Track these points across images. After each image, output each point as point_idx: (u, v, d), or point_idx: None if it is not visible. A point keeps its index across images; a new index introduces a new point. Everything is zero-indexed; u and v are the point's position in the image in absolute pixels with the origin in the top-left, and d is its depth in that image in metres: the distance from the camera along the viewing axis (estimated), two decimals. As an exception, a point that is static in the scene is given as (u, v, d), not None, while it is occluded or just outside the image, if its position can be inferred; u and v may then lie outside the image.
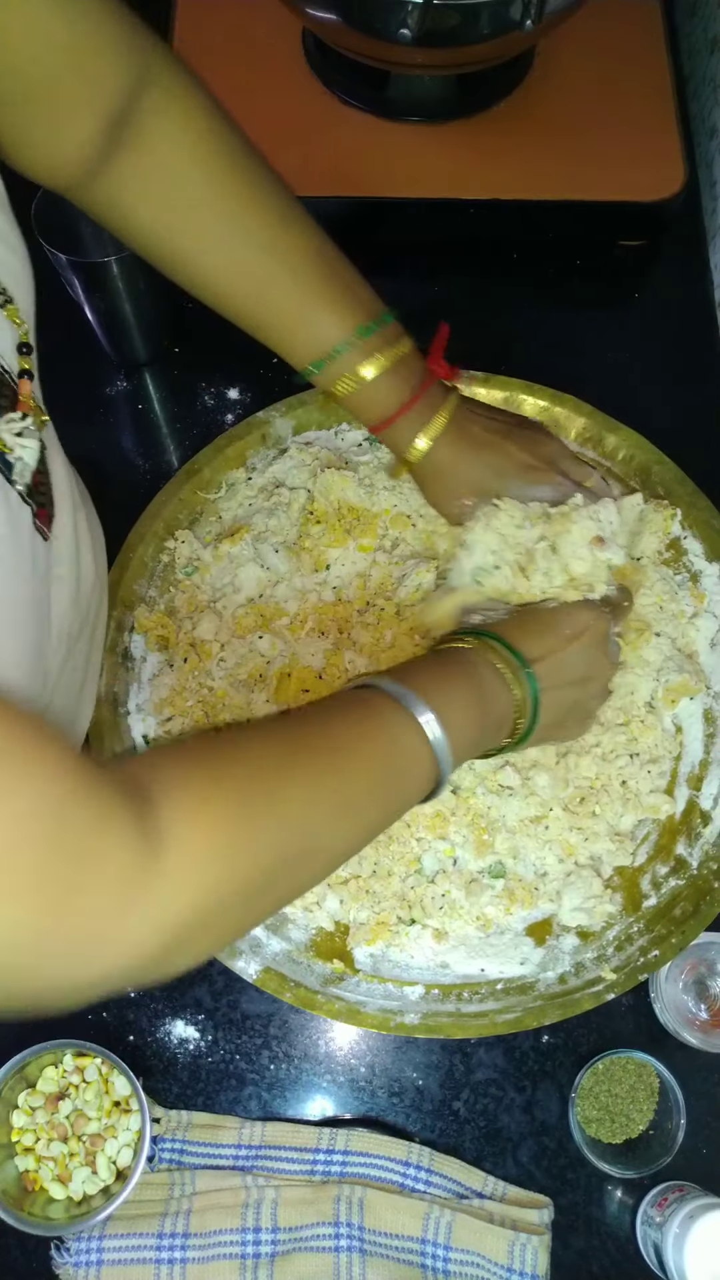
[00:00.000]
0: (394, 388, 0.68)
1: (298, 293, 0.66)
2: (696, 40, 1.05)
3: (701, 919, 0.72)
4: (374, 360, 0.67)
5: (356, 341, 0.66)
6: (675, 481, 0.82)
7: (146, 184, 0.62)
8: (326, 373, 0.68)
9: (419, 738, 0.56)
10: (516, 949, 0.73)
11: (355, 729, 0.55)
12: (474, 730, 0.60)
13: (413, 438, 0.69)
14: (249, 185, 0.64)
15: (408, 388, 0.68)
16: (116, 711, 0.76)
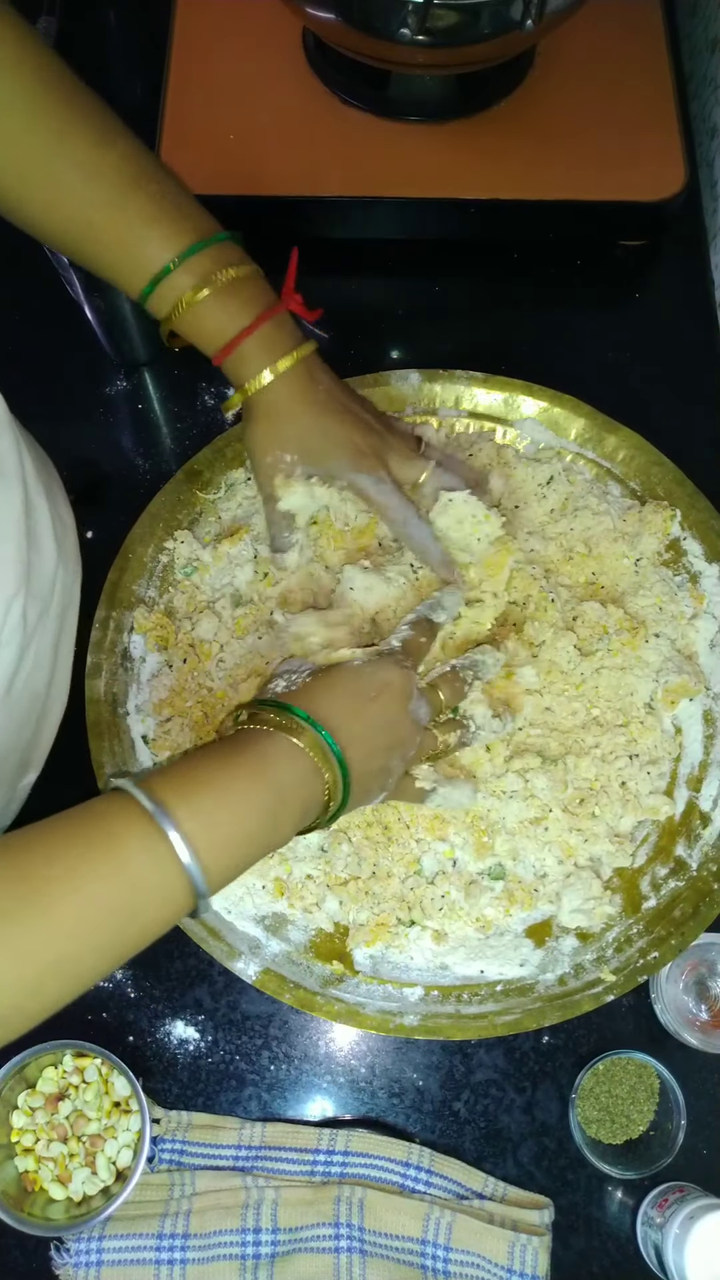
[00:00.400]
0: (233, 311, 0.65)
1: (121, 214, 0.63)
2: (697, 40, 1.05)
3: (701, 920, 0.72)
4: (208, 280, 0.64)
5: (188, 262, 0.63)
6: (674, 482, 0.82)
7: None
8: (159, 297, 0.64)
9: (165, 860, 0.49)
10: (516, 950, 0.73)
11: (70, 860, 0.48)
12: (253, 836, 0.54)
13: (259, 369, 0.66)
14: (67, 109, 0.62)
15: (249, 312, 0.65)
16: (116, 712, 0.76)
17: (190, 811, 0.50)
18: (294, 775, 0.56)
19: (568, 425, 0.84)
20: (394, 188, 0.90)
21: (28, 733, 0.70)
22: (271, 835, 0.55)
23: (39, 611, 0.66)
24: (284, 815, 0.55)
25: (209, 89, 0.93)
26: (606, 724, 0.75)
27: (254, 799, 0.53)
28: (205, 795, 0.52)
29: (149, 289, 0.64)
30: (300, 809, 0.56)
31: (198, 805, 0.51)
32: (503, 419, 0.85)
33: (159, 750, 0.75)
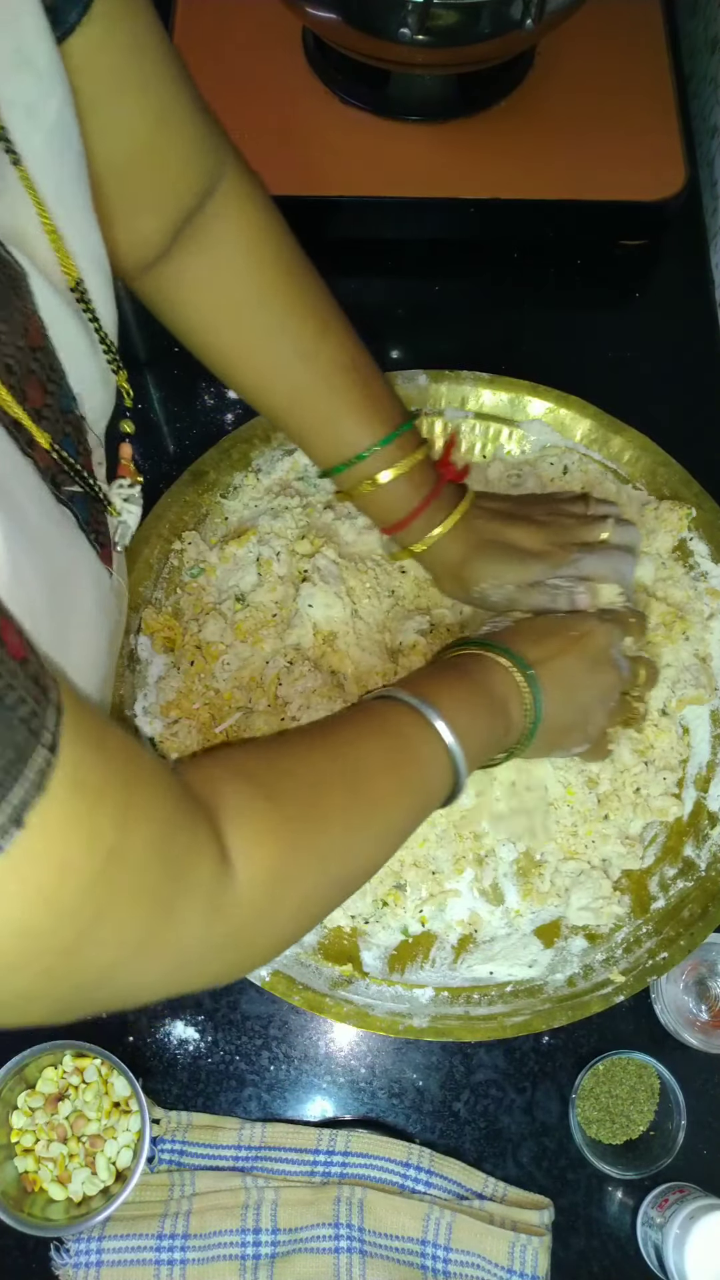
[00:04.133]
0: (408, 493, 0.70)
1: (328, 401, 0.69)
2: (697, 40, 1.05)
3: (710, 921, 0.72)
4: (392, 467, 0.69)
5: (377, 450, 0.69)
6: (681, 483, 0.82)
7: (199, 284, 0.64)
8: (347, 476, 0.70)
9: (439, 751, 0.59)
10: (525, 951, 0.73)
11: (383, 747, 0.58)
12: (485, 734, 0.62)
13: (423, 537, 0.72)
14: (296, 292, 0.67)
15: (420, 494, 0.71)
16: (123, 715, 0.76)
17: (449, 710, 0.59)
18: (499, 687, 0.64)
19: (574, 426, 0.84)
20: (394, 188, 0.90)
21: None
22: (492, 736, 0.63)
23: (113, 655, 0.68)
24: (497, 721, 0.63)
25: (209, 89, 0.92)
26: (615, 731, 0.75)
27: (479, 701, 0.63)
28: (453, 698, 0.61)
29: (341, 469, 0.70)
30: (505, 718, 0.64)
31: (451, 706, 0.60)
32: (508, 419, 0.85)
33: (167, 752, 0.75)
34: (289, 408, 0.70)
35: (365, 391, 0.69)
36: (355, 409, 0.69)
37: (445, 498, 0.72)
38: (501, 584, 0.71)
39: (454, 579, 0.73)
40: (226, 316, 0.66)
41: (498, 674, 0.65)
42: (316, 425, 0.70)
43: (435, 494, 0.71)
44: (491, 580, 0.72)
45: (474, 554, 0.72)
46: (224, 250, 0.63)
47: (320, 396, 0.68)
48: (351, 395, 0.69)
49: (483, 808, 0.74)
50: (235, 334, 0.67)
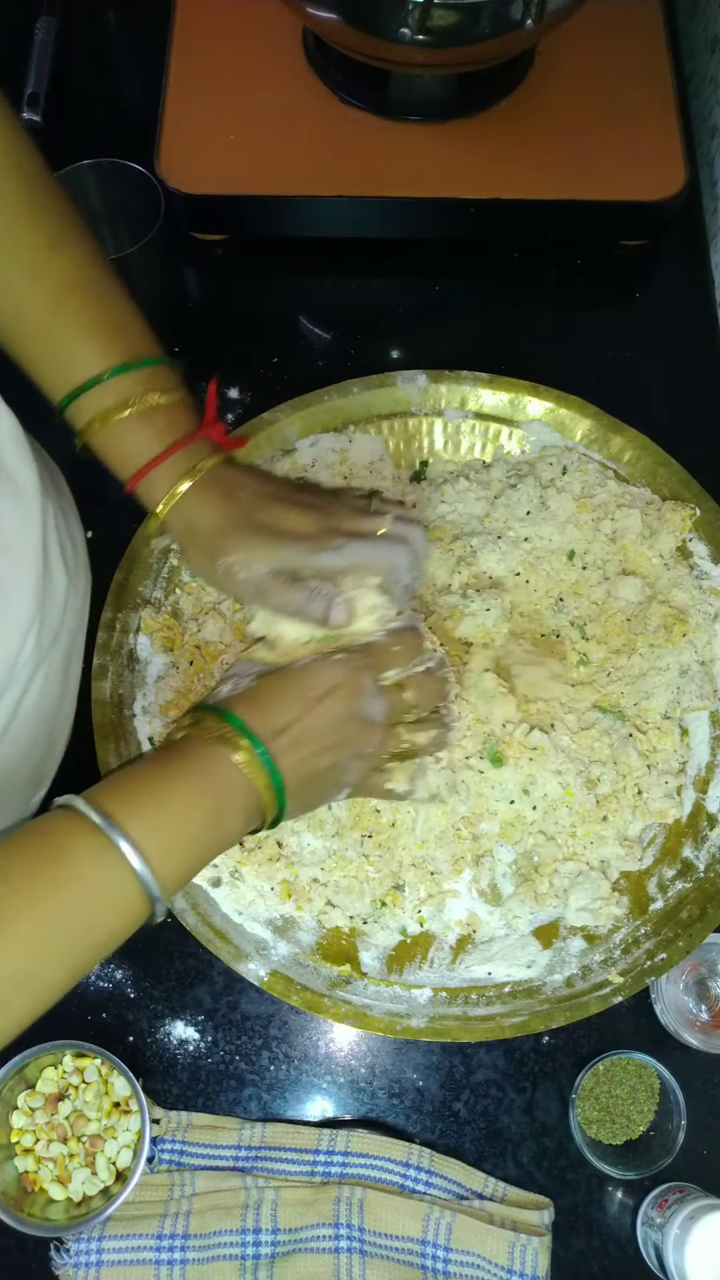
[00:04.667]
0: (148, 436, 0.61)
1: (56, 320, 0.61)
2: (697, 40, 1.05)
3: (709, 922, 0.72)
4: (129, 402, 0.60)
5: (114, 380, 0.60)
6: (681, 483, 0.82)
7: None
8: (78, 409, 0.61)
9: (117, 870, 0.51)
10: (523, 952, 0.73)
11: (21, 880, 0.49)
12: (200, 839, 0.55)
13: (166, 490, 0.62)
14: (30, 205, 0.60)
15: (162, 440, 0.61)
16: (122, 714, 0.76)
17: (136, 820, 0.51)
18: (233, 784, 0.56)
19: (574, 426, 0.84)
20: (394, 188, 0.90)
21: (39, 752, 0.70)
22: (219, 839, 0.56)
23: (51, 637, 0.65)
24: (227, 820, 0.57)
25: (209, 89, 0.93)
26: (620, 732, 0.75)
27: (197, 806, 0.55)
28: (149, 803, 0.53)
29: (68, 400, 0.61)
30: (243, 814, 0.57)
31: (143, 813, 0.52)
32: (508, 420, 0.85)
33: None
34: (16, 332, 0.61)
35: (102, 315, 0.61)
36: (86, 331, 0.61)
37: (196, 450, 0.62)
38: (251, 561, 0.62)
39: (201, 548, 0.63)
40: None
41: (228, 759, 0.56)
42: (42, 350, 0.61)
43: (184, 443, 0.62)
44: (242, 553, 0.61)
45: (227, 524, 0.62)
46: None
47: (47, 318, 0.60)
48: (84, 316, 0.61)
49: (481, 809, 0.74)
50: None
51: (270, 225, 0.93)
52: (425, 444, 0.85)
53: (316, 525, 0.63)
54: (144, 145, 0.89)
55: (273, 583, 0.62)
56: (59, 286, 0.60)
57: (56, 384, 0.61)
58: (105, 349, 0.61)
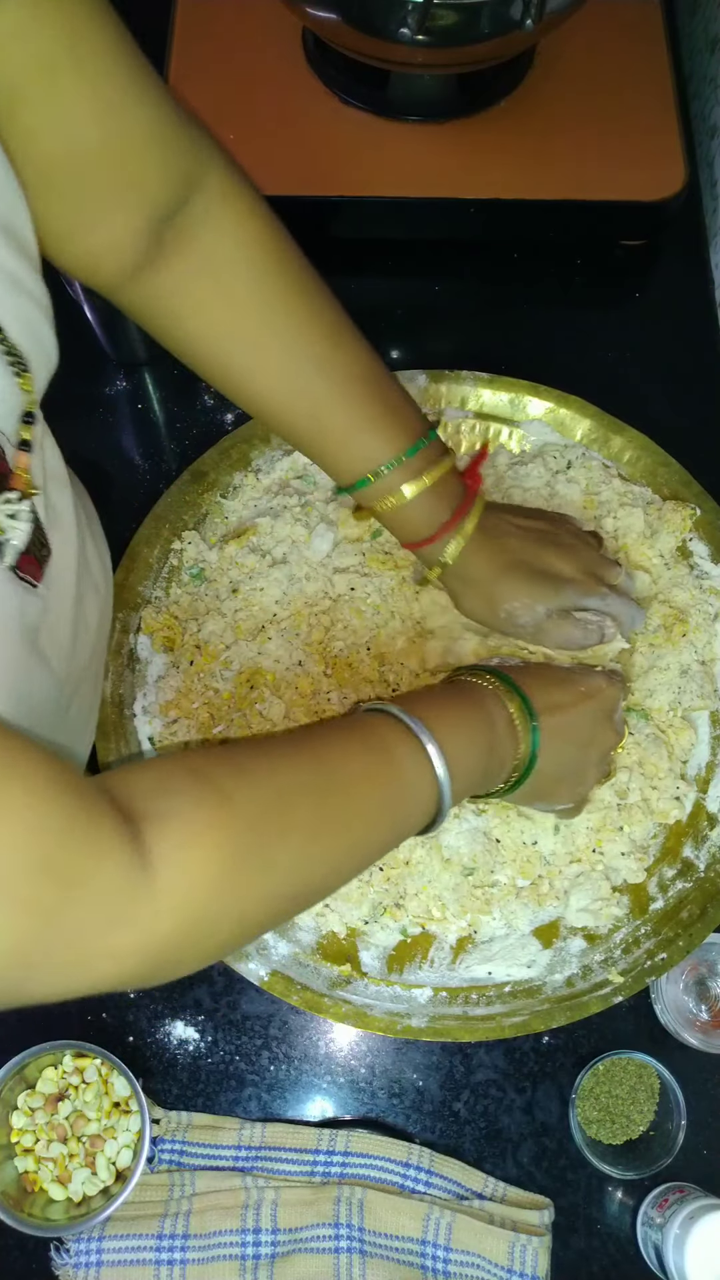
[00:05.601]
0: (434, 507, 0.67)
1: (347, 414, 0.65)
2: (697, 40, 1.05)
3: (709, 922, 0.72)
4: (416, 481, 0.66)
5: (400, 463, 0.66)
6: (681, 483, 0.82)
7: (195, 291, 0.61)
8: (370, 491, 0.67)
9: (426, 774, 0.56)
10: (524, 952, 0.73)
11: (366, 761, 0.55)
12: (477, 770, 0.60)
13: (450, 552, 0.68)
14: (303, 299, 0.63)
15: (447, 507, 0.68)
16: (122, 714, 0.76)
17: (443, 734, 0.57)
18: (500, 727, 0.62)
19: (574, 426, 0.84)
20: (394, 188, 0.90)
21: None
22: (486, 772, 0.62)
23: (85, 660, 0.66)
24: (494, 760, 0.62)
25: (209, 89, 0.93)
26: (644, 731, 0.75)
27: (478, 735, 0.61)
28: (450, 723, 0.59)
29: (363, 484, 0.67)
30: (499, 758, 0.62)
31: (447, 731, 0.58)
32: (508, 419, 0.85)
33: (166, 752, 0.75)
34: (306, 425, 0.66)
35: (384, 402, 0.66)
36: (375, 421, 0.65)
37: (472, 511, 0.69)
38: (534, 605, 0.69)
39: (481, 597, 0.70)
40: (228, 327, 0.62)
41: (501, 712, 0.62)
42: (335, 440, 0.66)
43: (464, 509, 0.68)
44: (524, 600, 0.69)
45: (505, 573, 0.69)
46: (218, 254, 0.60)
47: (338, 410, 0.65)
48: (371, 407, 0.65)
49: None
50: (239, 347, 0.63)
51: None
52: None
53: (579, 570, 0.71)
54: (144, 145, 0.89)
55: (550, 623, 0.70)
56: (345, 380, 0.65)
57: (347, 471, 0.67)
58: (392, 436, 0.66)
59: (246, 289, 0.61)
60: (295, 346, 0.63)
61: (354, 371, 0.65)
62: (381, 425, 0.66)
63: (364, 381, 0.65)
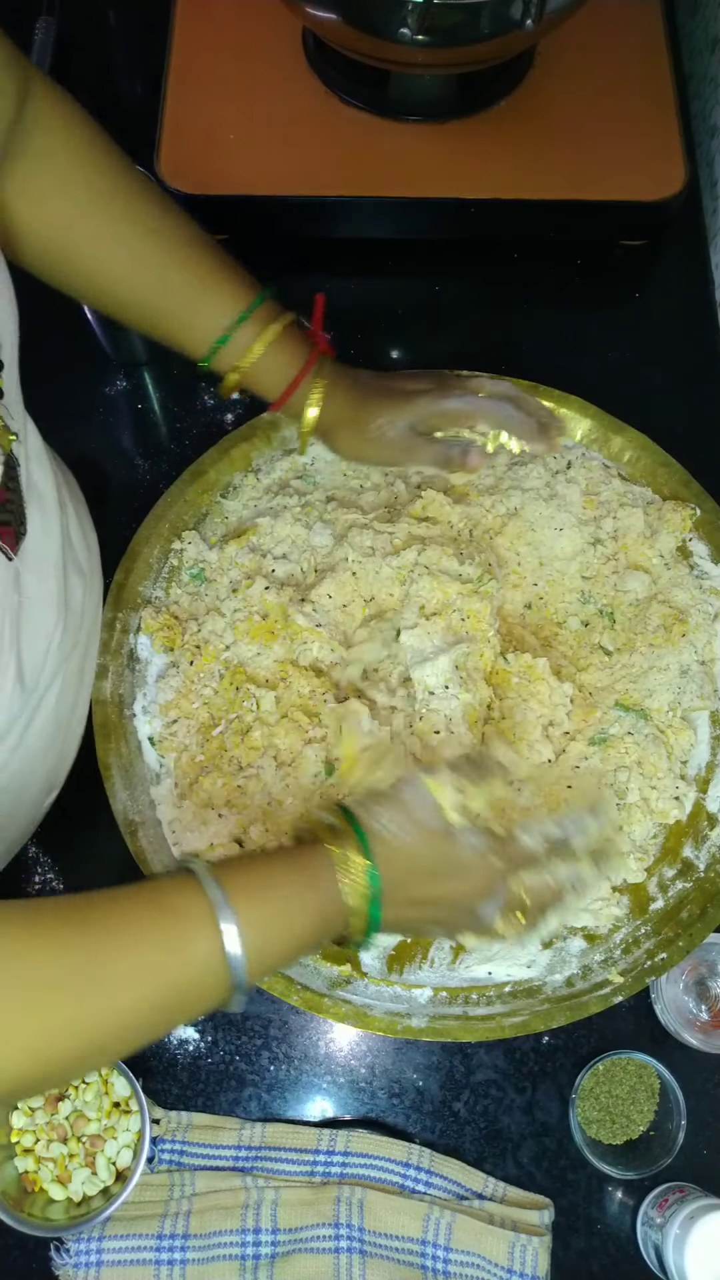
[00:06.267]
0: (288, 359, 0.70)
1: (191, 277, 0.68)
2: (697, 40, 1.05)
3: (709, 922, 0.72)
4: (263, 336, 0.69)
5: (249, 316, 0.68)
6: (681, 483, 0.82)
7: (36, 186, 0.63)
8: (227, 351, 0.69)
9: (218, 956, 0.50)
10: (523, 952, 0.72)
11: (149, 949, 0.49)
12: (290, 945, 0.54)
13: (311, 393, 0.71)
14: (131, 179, 0.67)
15: (299, 358, 0.70)
16: (122, 714, 0.76)
17: (251, 915, 0.51)
18: (338, 914, 0.55)
19: (574, 426, 0.84)
20: (394, 188, 0.90)
21: (54, 755, 0.71)
22: (301, 949, 0.56)
23: (71, 642, 0.67)
24: (318, 937, 0.56)
25: (209, 89, 0.93)
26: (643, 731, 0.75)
27: (303, 921, 0.54)
28: (266, 904, 0.52)
29: (221, 342, 0.69)
30: (330, 934, 0.56)
31: (258, 911, 0.52)
32: (507, 419, 0.85)
33: (165, 752, 0.75)
34: (158, 296, 0.68)
35: (220, 261, 0.69)
36: (217, 280, 0.68)
37: (319, 362, 0.71)
38: (395, 419, 0.71)
39: (350, 427, 0.72)
40: (69, 216, 0.65)
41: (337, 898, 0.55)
42: (185, 304, 0.69)
43: (311, 362, 0.71)
44: (387, 415, 0.71)
45: (365, 399, 0.72)
46: (50, 149, 0.63)
47: (181, 272, 0.68)
48: (210, 267, 0.68)
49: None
50: (88, 232, 0.66)
51: (270, 225, 0.93)
52: None
53: (433, 383, 0.73)
54: (144, 146, 0.89)
55: (417, 442, 0.72)
56: (180, 245, 0.68)
57: (200, 334, 0.69)
58: (235, 294, 0.68)
59: (80, 178, 0.65)
60: (133, 220, 0.66)
61: (190, 235, 0.68)
62: (223, 284, 0.69)
63: (201, 245, 0.68)
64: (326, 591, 0.76)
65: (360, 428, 0.72)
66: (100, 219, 0.66)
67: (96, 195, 0.65)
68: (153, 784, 0.75)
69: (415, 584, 0.75)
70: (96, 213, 0.65)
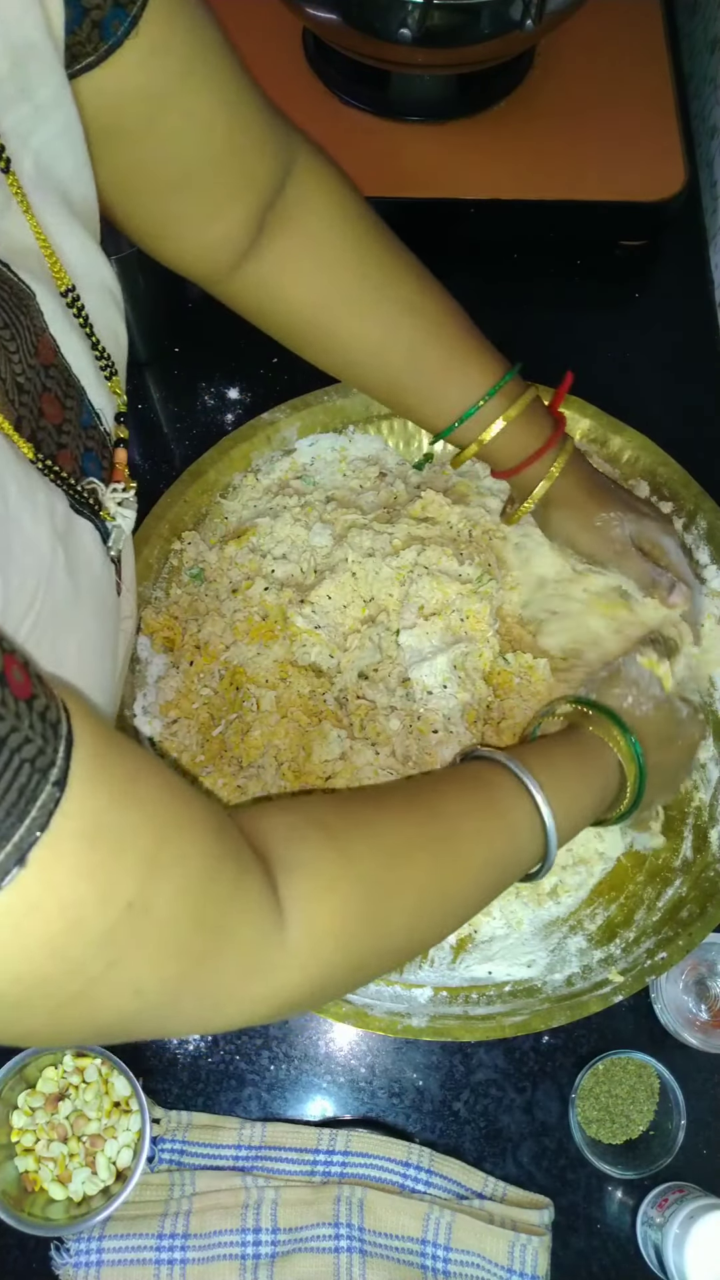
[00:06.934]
0: (527, 433, 0.71)
1: (442, 351, 0.69)
2: (697, 40, 1.05)
3: (709, 921, 0.72)
4: (507, 412, 0.70)
5: (496, 392, 0.70)
6: (681, 483, 0.82)
7: (299, 263, 0.64)
8: (469, 425, 0.71)
9: (535, 827, 0.57)
10: (524, 951, 0.73)
11: (475, 817, 0.56)
12: (582, 817, 0.62)
13: (540, 476, 0.73)
14: (390, 253, 0.68)
15: (539, 434, 0.72)
16: (123, 714, 0.76)
17: (552, 786, 0.58)
18: (613, 785, 0.64)
19: (574, 426, 0.84)
20: (394, 188, 0.90)
21: None
22: (585, 823, 0.63)
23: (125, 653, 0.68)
24: (601, 808, 0.64)
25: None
26: None
27: (588, 793, 0.62)
28: (560, 778, 0.60)
29: (468, 415, 0.70)
30: (604, 808, 0.65)
31: (557, 782, 0.59)
32: (507, 419, 0.85)
33: (165, 752, 0.75)
34: (409, 370, 0.69)
35: (473, 338, 0.70)
36: (468, 356, 0.70)
37: (565, 440, 0.73)
38: (624, 519, 0.73)
39: (576, 510, 0.74)
40: (331, 291, 0.66)
41: (613, 766, 0.64)
42: (433, 379, 0.70)
43: (558, 433, 0.72)
44: (619, 513, 0.73)
45: (600, 490, 0.74)
46: (314, 227, 0.64)
47: (432, 349, 0.69)
48: (463, 343, 0.69)
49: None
50: (343, 306, 0.66)
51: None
52: (425, 444, 0.85)
53: (659, 515, 0.77)
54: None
55: (632, 549, 0.74)
56: (438, 318, 0.69)
57: (447, 410, 0.71)
58: (485, 371, 0.70)
59: (341, 257, 0.65)
60: (389, 296, 0.67)
61: (444, 309, 0.69)
62: (474, 360, 0.70)
63: (453, 319, 0.70)
64: (326, 592, 0.76)
65: (587, 514, 0.74)
66: (358, 296, 0.67)
67: (356, 273, 0.66)
68: (153, 784, 0.75)
69: (415, 584, 0.75)
70: (355, 291, 0.66)
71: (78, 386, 0.49)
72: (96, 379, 0.51)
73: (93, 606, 0.49)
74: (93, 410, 0.51)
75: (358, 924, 0.48)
